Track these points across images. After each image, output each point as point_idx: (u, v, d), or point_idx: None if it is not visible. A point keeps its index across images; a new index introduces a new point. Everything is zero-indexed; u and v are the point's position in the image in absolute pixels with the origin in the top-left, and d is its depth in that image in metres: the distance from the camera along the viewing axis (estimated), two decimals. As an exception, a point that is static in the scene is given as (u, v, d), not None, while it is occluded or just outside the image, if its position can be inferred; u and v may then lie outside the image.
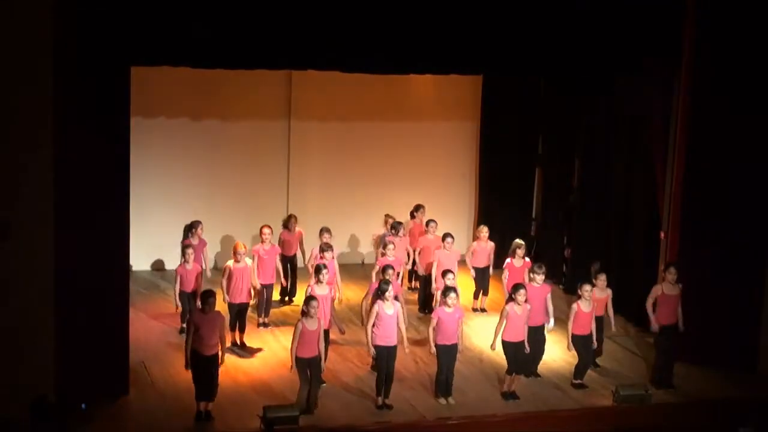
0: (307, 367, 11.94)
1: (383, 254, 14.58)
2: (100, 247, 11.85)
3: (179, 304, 14.28)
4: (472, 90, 18.37)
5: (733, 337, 14.01)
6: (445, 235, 15.34)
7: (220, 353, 11.86)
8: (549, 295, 13.59)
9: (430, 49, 13.17)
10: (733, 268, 13.95)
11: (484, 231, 16.04)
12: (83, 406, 11.22)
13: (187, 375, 12.41)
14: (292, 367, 12.00)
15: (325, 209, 17.90)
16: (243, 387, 12.74)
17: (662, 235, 14.29)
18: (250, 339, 14.28)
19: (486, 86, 18.33)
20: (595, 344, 13.38)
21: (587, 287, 13.12)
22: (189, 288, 14.21)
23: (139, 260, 16.93)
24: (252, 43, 12.44)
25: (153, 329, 14.55)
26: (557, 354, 14.20)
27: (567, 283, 16.87)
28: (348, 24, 12.69)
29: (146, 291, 16.25)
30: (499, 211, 18.43)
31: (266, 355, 13.59)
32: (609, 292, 13.58)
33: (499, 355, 13.97)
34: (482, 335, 14.80)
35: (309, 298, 12.14)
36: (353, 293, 15.85)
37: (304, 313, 11.91)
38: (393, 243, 14.79)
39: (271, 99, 17.54)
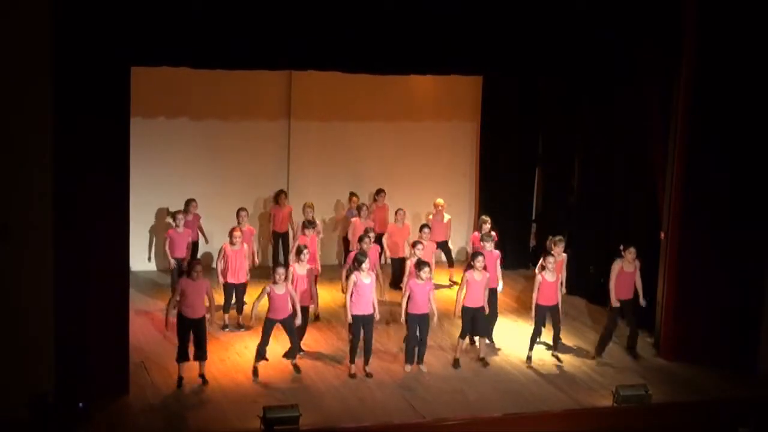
0: (273, 328, 12.95)
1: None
2: (100, 247, 11.86)
3: (172, 262, 15.25)
4: (472, 90, 18.38)
5: (733, 337, 14.02)
6: (423, 226, 15.65)
7: (208, 315, 12.76)
8: (498, 261, 14.53)
9: (430, 49, 13.16)
10: (733, 268, 13.96)
11: (487, 223, 15.93)
12: (81, 405, 11.22)
13: (187, 374, 12.69)
14: (251, 319, 13.47)
15: (324, 208, 17.93)
16: (243, 387, 12.75)
17: (662, 235, 14.29)
18: (251, 338, 14.31)
19: (486, 86, 18.33)
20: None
21: (550, 258, 13.82)
22: (179, 253, 15.15)
23: (139, 260, 16.95)
24: (252, 43, 12.43)
25: (153, 329, 14.56)
26: (557, 354, 14.21)
27: (567, 283, 16.82)
28: (348, 24, 12.69)
29: (146, 291, 16.26)
30: (499, 211, 18.42)
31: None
32: (564, 256, 14.59)
33: (498, 356, 14.04)
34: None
35: (275, 266, 13.15)
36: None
37: (273, 280, 12.86)
38: (369, 237, 14.56)
39: (271, 99, 17.55)
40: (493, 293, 14.25)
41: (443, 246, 17.01)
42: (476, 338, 13.88)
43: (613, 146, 16.22)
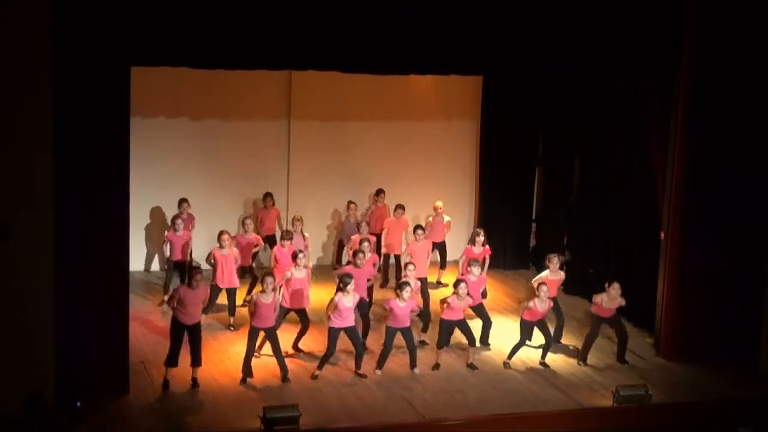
0: (257, 337, 12.95)
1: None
2: (99, 247, 11.86)
3: (167, 267, 15.40)
4: (472, 90, 18.37)
5: (733, 337, 14.02)
6: (416, 227, 15.56)
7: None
8: (483, 287, 14.84)
9: (430, 49, 13.17)
10: (733, 268, 13.96)
11: (480, 235, 15.84)
12: (78, 404, 11.20)
13: (186, 375, 12.72)
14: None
15: (324, 209, 17.94)
16: (243, 387, 12.75)
17: (662, 235, 14.29)
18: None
19: (486, 86, 18.33)
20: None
21: (543, 288, 13.75)
22: (176, 256, 15.16)
23: (139, 260, 16.96)
24: (252, 43, 12.44)
25: (153, 329, 14.56)
26: (557, 354, 14.22)
27: (566, 283, 16.82)
28: (348, 24, 12.69)
29: (146, 291, 16.25)
30: (499, 211, 18.44)
31: (266, 354, 13.58)
32: (562, 275, 14.68)
33: (499, 356, 14.04)
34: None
35: (265, 274, 13.04)
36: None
37: (261, 289, 12.86)
38: (364, 252, 14.45)
39: (271, 99, 17.54)
40: (480, 306, 14.40)
41: (440, 246, 16.99)
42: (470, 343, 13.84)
43: (613, 146, 16.22)
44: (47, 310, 11.53)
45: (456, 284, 13.63)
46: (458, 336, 14.07)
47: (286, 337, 13.82)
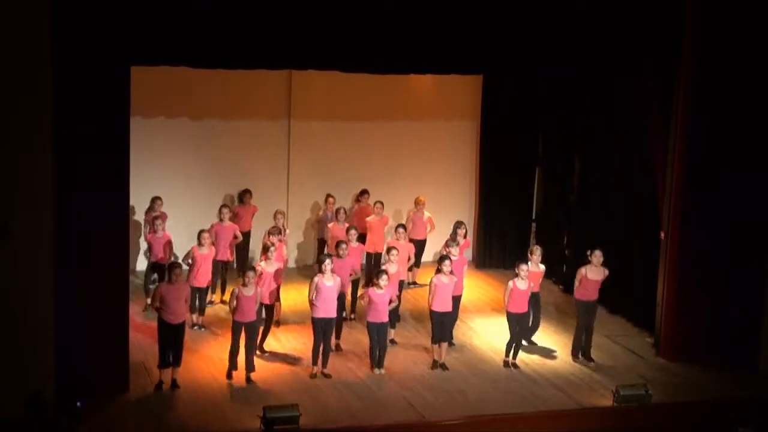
0: (243, 331, 12.76)
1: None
2: (99, 247, 11.86)
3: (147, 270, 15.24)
4: (472, 90, 18.36)
5: (733, 337, 14.02)
6: (398, 226, 15.48)
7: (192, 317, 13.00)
8: (465, 267, 14.57)
9: (430, 49, 13.18)
10: (733, 268, 13.96)
11: (461, 227, 15.66)
12: (78, 404, 11.20)
13: (186, 375, 12.72)
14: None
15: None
16: (243, 387, 12.75)
17: (662, 235, 14.29)
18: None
19: (486, 86, 18.32)
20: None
21: (524, 266, 13.60)
22: (157, 256, 14.94)
23: (139, 260, 16.94)
24: (252, 43, 12.45)
25: (153, 329, 14.51)
26: (558, 354, 14.21)
27: (566, 282, 16.84)
28: (348, 24, 12.70)
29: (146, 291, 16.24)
30: (499, 211, 18.43)
31: (265, 354, 13.59)
32: (542, 268, 14.23)
33: (498, 355, 14.03)
34: (484, 336, 14.82)
35: (245, 269, 13.13)
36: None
37: (243, 282, 12.82)
38: (346, 244, 14.43)
39: (271, 99, 17.53)
40: (456, 299, 14.17)
41: (419, 245, 16.82)
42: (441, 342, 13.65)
43: (613, 146, 16.22)
44: (47, 310, 11.53)
45: (440, 260, 13.58)
46: (460, 337, 14.09)
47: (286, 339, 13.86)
